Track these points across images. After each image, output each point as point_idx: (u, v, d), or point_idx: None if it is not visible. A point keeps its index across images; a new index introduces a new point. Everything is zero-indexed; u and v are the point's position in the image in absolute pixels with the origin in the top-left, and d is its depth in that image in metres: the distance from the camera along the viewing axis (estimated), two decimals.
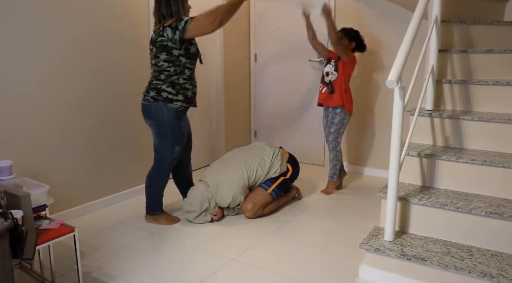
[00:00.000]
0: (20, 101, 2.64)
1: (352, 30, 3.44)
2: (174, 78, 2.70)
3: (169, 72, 2.69)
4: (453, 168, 2.32)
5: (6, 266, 1.59)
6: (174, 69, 2.69)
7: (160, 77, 2.70)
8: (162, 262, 2.42)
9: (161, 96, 2.70)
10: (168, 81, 2.69)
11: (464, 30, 2.82)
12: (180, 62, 2.69)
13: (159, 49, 2.67)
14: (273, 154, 3.18)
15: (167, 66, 2.68)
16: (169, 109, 2.72)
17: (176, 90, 2.71)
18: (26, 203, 1.80)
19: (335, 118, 3.44)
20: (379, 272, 2.14)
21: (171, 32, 2.60)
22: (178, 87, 2.71)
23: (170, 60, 2.67)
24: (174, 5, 2.67)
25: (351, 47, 3.42)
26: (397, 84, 1.96)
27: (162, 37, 2.63)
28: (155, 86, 2.72)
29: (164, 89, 2.69)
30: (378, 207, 3.17)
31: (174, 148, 2.81)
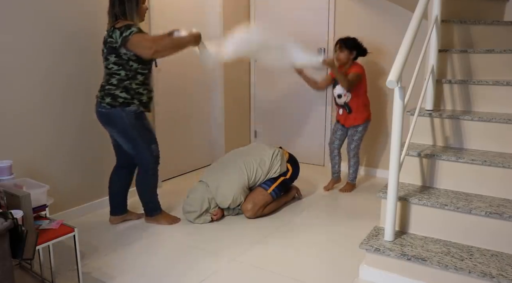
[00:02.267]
0: (20, 101, 2.64)
1: (349, 39, 3.43)
2: (127, 83, 2.59)
3: (120, 76, 2.58)
4: (453, 168, 2.32)
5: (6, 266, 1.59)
6: (125, 74, 2.58)
7: (112, 81, 2.59)
8: (162, 262, 2.42)
9: (117, 101, 2.58)
10: (121, 86, 2.58)
11: (464, 30, 2.82)
12: (131, 66, 2.57)
13: (109, 50, 2.56)
14: (273, 154, 3.18)
15: (117, 70, 2.57)
16: (128, 113, 2.61)
17: (130, 95, 2.60)
18: (26, 203, 1.80)
19: (356, 135, 3.50)
20: (379, 272, 2.14)
21: (118, 35, 2.50)
22: (132, 92, 2.61)
23: (119, 64, 2.56)
24: (127, 5, 2.55)
25: (352, 56, 3.41)
26: (397, 84, 1.96)
27: (111, 39, 2.53)
28: (109, 92, 2.59)
29: (118, 94, 2.58)
30: (378, 207, 3.17)
31: (151, 147, 2.74)
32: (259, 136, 4.84)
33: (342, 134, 3.61)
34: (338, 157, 3.66)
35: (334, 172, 3.69)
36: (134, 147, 2.71)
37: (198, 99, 4.22)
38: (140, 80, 2.64)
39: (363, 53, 3.47)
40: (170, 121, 3.91)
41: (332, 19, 4.07)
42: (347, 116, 3.50)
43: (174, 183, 3.89)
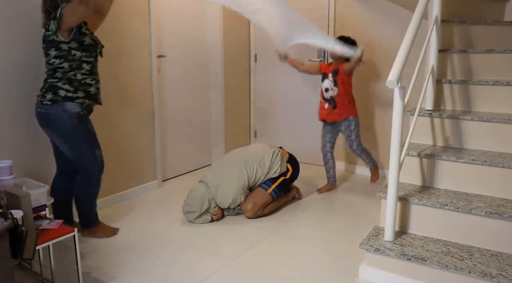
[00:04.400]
0: (20, 101, 2.63)
1: (350, 38, 3.43)
2: (71, 74, 2.41)
3: (63, 69, 2.41)
4: (453, 168, 2.32)
5: (6, 266, 1.59)
6: (68, 65, 2.40)
7: (56, 75, 2.42)
8: (162, 262, 2.42)
9: (59, 96, 2.40)
10: (65, 78, 2.41)
11: (464, 30, 2.82)
12: (74, 56, 2.41)
13: (48, 45, 2.40)
14: (273, 154, 3.17)
15: (59, 63, 2.40)
16: (70, 116, 2.43)
17: (74, 87, 2.42)
18: (26, 203, 1.80)
19: (351, 126, 3.48)
20: (379, 272, 2.14)
21: (53, 24, 2.34)
22: (76, 83, 2.43)
23: (61, 56, 2.39)
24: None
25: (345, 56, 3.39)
26: (397, 84, 1.96)
27: (48, 32, 2.37)
28: (50, 85, 2.42)
29: (60, 86, 2.40)
30: (378, 207, 3.17)
31: (95, 153, 2.56)
32: (259, 136, 4.84)
33: (332, 137, 3.60)
34: (331, 161, 3.64)
35: (330, 176, 3.67)
36: (76, 152, 2.53)
37: (198, 99, 4.22)
38: (86, 70, 2.46)
39: None
40: (170, 122, 3.91)
41: (332, 19, 4.07)
42: (331, 112, 3.48)
43: (174, 183, 3.89)
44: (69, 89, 2.42)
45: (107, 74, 3.15)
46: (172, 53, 3.83)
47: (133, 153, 3.42)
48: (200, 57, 4.17)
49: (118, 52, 3.23)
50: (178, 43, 3.88)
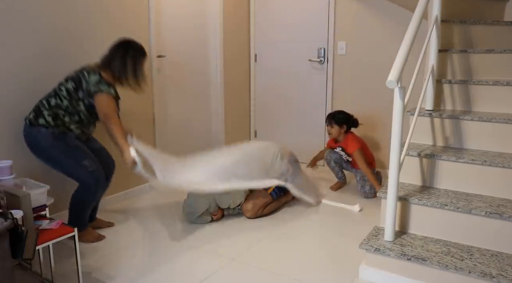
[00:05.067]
0: (20, 101, 2.63)
1: (338, 113, 3.46)
2: (60, 112, 2.44)
3: (60, 103, 2.44)
4: (453, 168, 2.31)
5: (6, 266, 1.59)
6: (66, 105, 2.44)
7: (50, 100, 2.44)
8: (162, 262, 2.42)
9: (37, 121, 2.42)
10: (52, 111, 2.43)
11: (464, 30, 2.82)
12: (77, 105, 2.47)
13: (73, 77, 2.48)
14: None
15: (64, 96, 2.45)
16: (44, 136, 2.42)
17: (54, 123, 2.43)
18: (26, 203, 1.80)
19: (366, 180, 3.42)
20: (379, 272, 2.14)
21: (94, 81, 2.43)
22: (59, 121, 2.44)
23: (71, 94, 2.45)
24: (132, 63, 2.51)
25: (343, 130, 3.44)
26: (397, 84, 1.96)
27: (84, 76, 2.45)
28: (38, 106, 2.45)
29: (44, 115, 2.42)
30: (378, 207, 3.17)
31: (82, 164, 2.48)
32: (259, 136, 4.84)
33: (338, 158, 3.60)
34: (337, 166, 3.64)
35: (339, 177, 3.70)
36: (62, 168, 2.50)
37: (198, 99, 4.22)
38: (75, 120, 2.50)
39: (354, 125, 3.49)
40: (170, 122, 3.91)
41: (332, 19, 4.07)
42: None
43: None
44: (49, 122, 2.43)
45: None
46: (172, 53, 3.83)
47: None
48: (200, 57, 4.17)
49: None
50: (178, 43, 3.88)
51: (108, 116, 2.46)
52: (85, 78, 2.46)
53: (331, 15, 4.08)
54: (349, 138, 3.43)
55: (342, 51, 4.07)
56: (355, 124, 3.49)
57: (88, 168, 2.49)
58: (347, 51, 4.05)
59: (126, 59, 2.52)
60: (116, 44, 2.57)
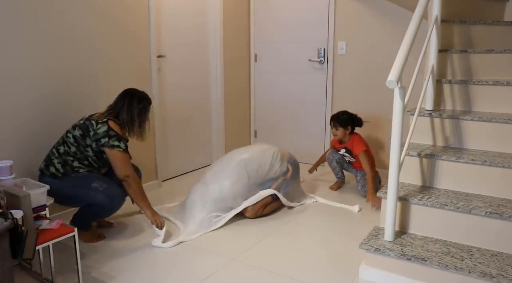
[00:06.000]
0: (20, 101, 2.64)
1: (342, 115, 3.44)
2: (69, 158, 2.49)
3: (68, 150, 2.49)
4: (453, 168, 2.32)
5: (6, 266, 1.59)
6: (74, 151, 2.49)
7: (59, 148, 2.50)
8: (162, 262, 2.42)
9: (48, 170, 2.48)
10: (62, 158, 2.48)
11: (464, 30, 2.82)
12: (87, 152, 2.51)
13: (81, 126, 2.50)
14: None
15: (71, 143, 2.49)
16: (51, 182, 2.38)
17: (64, 170, 2.48)
18: (26, 203, 1.80)
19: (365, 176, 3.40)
20: (379, 272, 2.14)
21: (103, 132, 2.45)
22: (68, 167, 2.49)
23: (78, 141, 2.49)
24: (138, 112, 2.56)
25: (348, 131, 3.43)
26: (397, 84, 1.96)
27: (93, 123, 2.48)
28: (49, 156, 2.51)
29: (54, 163, 2.47)
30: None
31: (91, 187, 2.47)
32: (259, 136, 4.84)
33: (340, 158, 3.60)
34: (338, 166, 3.63)
35: (339, 177, 3.70)
36: (80, 199, 2.49)
37: (198, 99, 4.22)
38: (85, 164, 2.54)
39: (358, 124, 3.47)
40: (170, 122, 3.91)
41: (332, 19, 4.07)
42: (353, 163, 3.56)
43: (174, 183, 3.89)
44: (58, 170, 2.48)
45: (107, 75, 3.16)
46: (172, 53, 3.83)
47: (133, 153, 3.42)
48: (200, 57, 4.17)
49: (118, 52, 3.22)
50: (178, 43, 3.88)
51: (128, 176, 2.50)
52: (92, 127, 2.49)
53: (331, 15, 4.08)
54: (355, 139, 3.42)
55: (342, 51, 4.07)
56: (359, 124, 3.47)
57: (98, 188, 2.47)
58: (347, 51, 4.05)
59: (133, 110, 2.56)
60: (122, 95, 2.61)
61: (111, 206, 2.51)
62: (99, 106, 3.11)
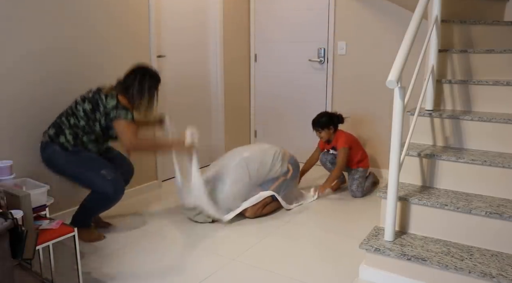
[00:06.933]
0: (20, 101, 2.63)
1: (320, 117, 3.49)
2: (79, 132, 2.50)
3: (78, 123, 2.50)
4: (453, 168, 2.32)
5: (6, 266, 1.59)
6: (83, 125, 2.50)
7: (69, 119, 2.50)
8: (162, 262, 2.42)
9: (58, 139, 2.48)
10: (72, 130, 2.49)
11: (464, 30, 2.82)
12: (94, 125, 2.52)
13: (91, 99, 2.52)
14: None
15: (81, 116, 2.50)
16: (59, 154, 2.47)
17: (74, 141, 2.50)
18: (26, 203, 1.80)
19: (357, 174, 3.49)
20: (379, 272, 2.14)
21: (112, 106, 2.47)
22: (78, 141, 2.51)
23: (88, 115, 2.50)
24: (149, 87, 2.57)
25: (332, 130, 3.49)
26: (397, 84, 1.96)
27: (103, 98, 2.50)
28: (59, 124, 2.50)
29: (65, 133, 2.48)
30: (378, 207, 3.17)
31: (100, 173, 2.50)
32: (259, 136, 4.84)
33: (332, 158, 3.61)
34: (333, 167, 3.59)
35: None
36: (83, 181, 2.54)
37: (198, 99, 4.22)
38: (92, 139, 2.56)
39: (340, 121, 3.52)
40: None
41: (332, 19, 4.07)
42: None
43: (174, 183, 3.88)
44: (69, 141, 2.50)
45: (107, 75, 3.15)
46: (172, 53, 3.83)
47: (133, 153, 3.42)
48: (200, 57, 4.17)
49: (118, 52, 3.22)
50: (178, 43, 3.88)
51: (136, 144, 2.53)
52: (102, 102, 2.50)
53: (331, 15, 4.08)
54: (338, 136, 3.49)
55: (342, 51, 4.07)
56: (340, 121, 3.53)
57: (107, 177, 2.50)
58: (347, 51, 4.05)
59: (144, 85, 2.57)
60: (133, 70, 2.62)
61: (114, 197, 2.55)
62: None
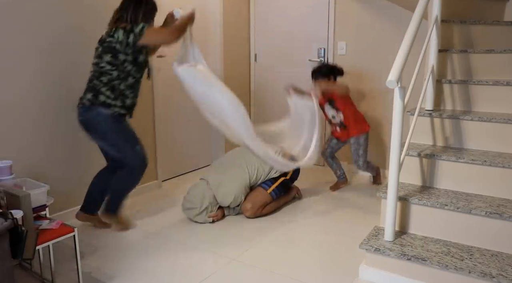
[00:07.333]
0: (20, 101, 2.63)
1: (320, 67, 3.45)
2: (116, 82, 2.54)
3: (111, 76, 2.54)
4: (453, 168, 2.32)
5: (6, 266, 1.59)
6: (117, 74, 2.54)
7: (102, 79, 2.54)
8: (162, 262, 2.42)
9: (98, 100, 2.53)
10: (109, 85, 2.54)
11: (464, 30, 2.82)
12: (125, 68, 2.54)
13: (105, 49, 2.52)
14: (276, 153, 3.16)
15: (109, 69, 2.53)
16: (105, 117, 2.54)
17: (114, 95, 2.54)
18: (26, 203, 1.80)
19: (360, 149, 3.45)
20: (379, 272, 2.14)
21: (122, 34, 2.47)
22: (117, 92, 2.55)
23: (114, 64, 2.52)
24: (144, 13, 2.58)
25: (331, 81, 3.43)
26: (397, 84, 1.96)
27: (111, 38, 2.50)
28: (93, 87, 2.55)
29: (103, 92, 2.53)
30: (378, 207, 3.17)
31: (135, 148, 2.65)
32: None
33: (336, 144, 3.61)
34: (334, 163, 3.66)
35: (339, 175, 3.69)
36: (118, 150, 2.65)
37: None
38: (129, 83, 2.59)
39: (340, 73, 3.47)
40: (170, 121, 3.91)
41: (332, 19, 4.07)
42: (343, 132, 3.51)
43: (174, 183, 3.89)
44: (110, 96, 2.54)
45: None
46: (172, 53, 3.81)
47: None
48: None
49: None
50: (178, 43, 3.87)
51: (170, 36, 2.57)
52: (113, 43, 2.50)
53: (331, 15, 4.08)
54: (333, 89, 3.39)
55: (342, 51, 4.07)
56: (340, 73, 3.46)
57: (138, 153, 2.66)
58: (347, 51, 4.05)
59: (139, 10, 2.58)
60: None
61: (141, 171, 2.69)
62: None
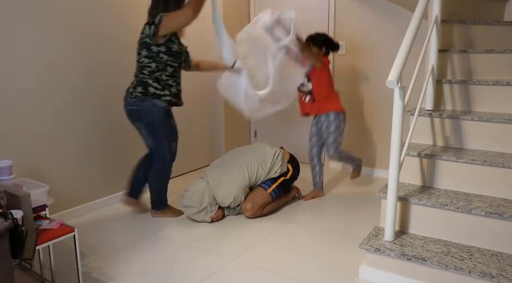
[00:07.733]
0: (20, 101, 2.64)
1: (317, 34, 3.33)
2: (157, 74, 2.72)
3: (150, 68, 2.71)
4: (453, 168, 2.32)
5: (6, 266, 1.59)
6: (155, 66, 2.70)
7: (144, 72, 2.72)
8: (162, 262, 2.42)
9: (149, 91, 2.71)
10: (153, 77, 2.71)
11: (464, 30, 2.82)
12: (161, 59, 2.70)
13: (141, 46, 2.72)
14: (274, 154, 3.18)
15: (147, 62, 2.70)
16: (158, 109, 2.74)
17: (161, 86, 2.73)
18: (26, 203, 1.80)
19: (331, 127, 3.24)
20: (379, 272, 2.14)
21: (148, 28, 2.66)
22: (162, 83, 2.74)
23: (150, 56, 2.70)
24: (172, 9, 2.69)
25: (322, 52, 3.29)
26: (397, 84, 1.96)
27: (142, 35, 2.71)
28: (141, 80, 2.72)
29: (150, 83, 2.71)
30: (378, 207, 3.17)
31: (171, 145, 2.87)
32: (259, 136, 4.84)
33: (318, 140, 3.38)
34: (318, 166, 3.42)
35: (315, 183, 3.47)
36: (157, 142, 2.83)
37: (198, 99, 4.22)
38: (169, 72, 2.75)
39: (333, 48, 3.32)
40: None
41: (332, 19, 4.07)
42: (312, 106, 3.30)
43: (174, 183, 3.88)
44: (157, 87, 2.72)
45: (110, 75, 3.16)
46: None
47: (133, 152, 3.42)
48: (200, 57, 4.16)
49: (118, 53, 3.22)
50: None
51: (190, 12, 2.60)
52: (144, 37, 2.68)
53: (331, 15, 4.08)
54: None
55: (342, 51, 4.07)
56: (335, 48, 3.32)
57: (172, 150, 2.90)
58: (347, 51, 4.05)
59: (169, 4, 2.70)
60: None
61: (169, 168, 2.94)
62: (100, 106, 3.11)
